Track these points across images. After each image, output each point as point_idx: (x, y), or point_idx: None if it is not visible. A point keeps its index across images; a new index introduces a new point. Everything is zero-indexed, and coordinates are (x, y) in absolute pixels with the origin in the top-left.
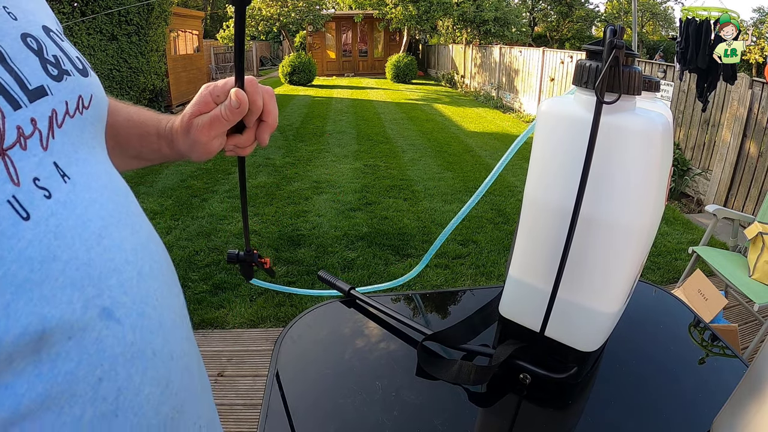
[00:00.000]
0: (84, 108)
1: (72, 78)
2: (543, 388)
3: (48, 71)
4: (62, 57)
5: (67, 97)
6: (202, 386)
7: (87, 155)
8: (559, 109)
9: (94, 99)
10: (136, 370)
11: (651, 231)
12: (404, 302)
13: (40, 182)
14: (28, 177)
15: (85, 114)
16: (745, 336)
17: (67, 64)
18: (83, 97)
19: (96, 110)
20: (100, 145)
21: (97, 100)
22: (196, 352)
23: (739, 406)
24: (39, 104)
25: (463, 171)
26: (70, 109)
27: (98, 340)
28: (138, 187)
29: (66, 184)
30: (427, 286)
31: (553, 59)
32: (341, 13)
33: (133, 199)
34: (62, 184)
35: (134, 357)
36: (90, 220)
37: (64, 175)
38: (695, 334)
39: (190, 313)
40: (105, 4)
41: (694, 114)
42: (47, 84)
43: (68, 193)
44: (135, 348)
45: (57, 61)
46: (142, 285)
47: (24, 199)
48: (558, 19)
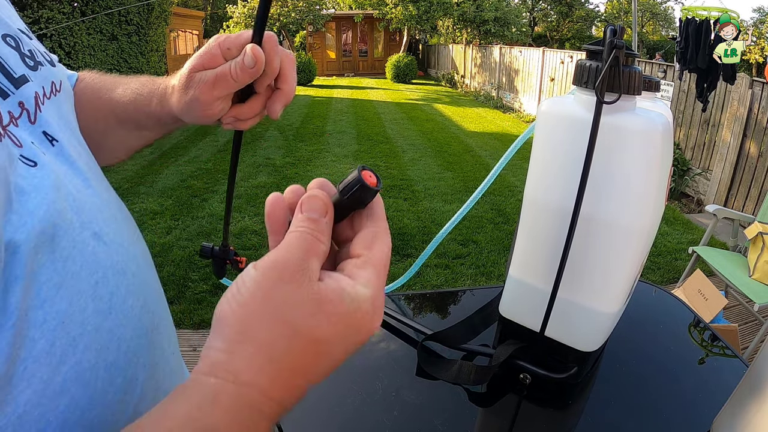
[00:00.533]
0: (57, 91)
1: (44, 68)
2: (543, 388)
3: (26, 63)
4: (35, 51)
5: (43, 83)
6: (171, 327)
7: (64, 126)
8: (559, 109)
9: (63, 84)
10: (121, 282)
11: (651, 231)
12: (404, 302)
13: (35, 144)
14: (27, 141)
15: (58, 96)
16: (745, 336)
17: (39, 57)
18: (55, 83)
19: (65, 92)
20: (72, 116)
21: (65, 85)
22: (164, 299)
23: (739, 406)
24: (23, 90)
25: (463, 171)
26: (46, 92)
27: (93, 253)
28: (138, 187)
29: (54, 147)
30: (427, 286)
31: (553, 59)
32: (341, 13)
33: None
34: (50, 147)
35: (118, 273)
36: (76, 173)
37: (53, 139)
38: (695, 334)
39: (191, 312)
40: (105, 4)
41: (694, 114)
42: (26, 73)
43: (57, 154)
44: (119, 267)
45: (32, 54)
46: (119, 225)
47: (29, 154)
48: (558, 19)
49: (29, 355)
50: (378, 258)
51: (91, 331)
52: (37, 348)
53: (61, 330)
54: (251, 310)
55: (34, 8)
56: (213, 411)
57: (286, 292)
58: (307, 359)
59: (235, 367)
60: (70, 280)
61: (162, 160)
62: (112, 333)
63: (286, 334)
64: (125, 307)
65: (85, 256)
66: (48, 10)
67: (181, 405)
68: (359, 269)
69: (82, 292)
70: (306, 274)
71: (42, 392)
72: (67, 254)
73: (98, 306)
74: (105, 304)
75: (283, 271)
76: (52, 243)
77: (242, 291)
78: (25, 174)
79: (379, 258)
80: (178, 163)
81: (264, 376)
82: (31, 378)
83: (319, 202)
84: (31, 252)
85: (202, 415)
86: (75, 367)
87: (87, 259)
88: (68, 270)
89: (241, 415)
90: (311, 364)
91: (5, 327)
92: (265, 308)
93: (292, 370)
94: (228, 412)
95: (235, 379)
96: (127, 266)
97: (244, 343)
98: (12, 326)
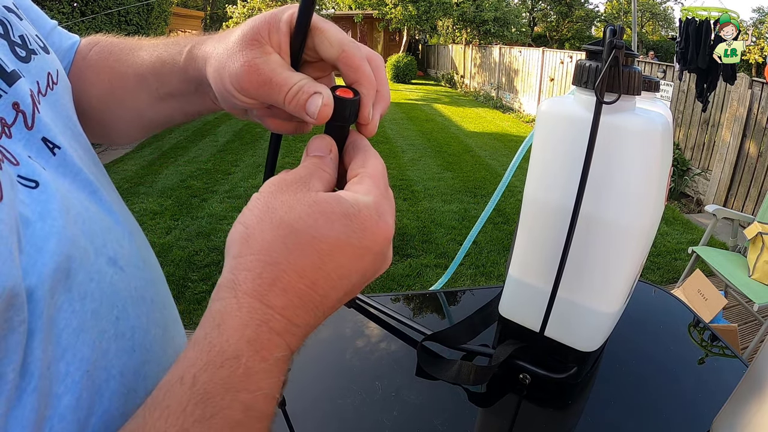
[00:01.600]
0: (54, 83)
1: (38, 57)
2: (543, 388)
3: (17, 54)
4: (27, 36)
5: (38, 77)
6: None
7: (64, 127)
8: (559, 109)
9: (60, 74)
10: (142, 312)
11: (651, 231)
12: (404, 302)
13: (33, 158)
14: (23, 156)
15: (55, 89)
16: (745, 336)
17: (32, 44)
18: (51, 74)
19: (62, 83)
20: (72, 111)
21: (62, 74)
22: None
23: (739, 406)
24: (16, 88)
25: (463, 171)
26: (41, 88)
27: (111, 284)
28: (138, 187)
29: (55, 157)
30: (427, 286)
31: (553, 59)
32: (341, 13)
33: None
34: (51, 158)
35: (138, 301)
36: (82, 185)
37: (54, 146)
38: (695, 334)
39: (190, 313)
40: (105, 4)
41: (694, 114)
42: (18, 68)
43: (58, 165)
44: (137, 294)
45: (24, 41)
46: (132, 243)
47: (27, 173)
48: (558, 19)
49: (54, 413)
50: (373, 170)
51: (116, 375)
52: (63, 404)
53: (87, 380)
54: (252, 224)
55: None
56: (220, 336)
57: (283, 199)
58: (310, 259)
59: (236, 280)
60: (90, 320)
61: (162, 160)
62: (138, 373)
63: (282, 234)
64: (148, 339)
65: (103, 288)
66: (48, 10)
67: (191, 346)
68: (357, 184)
69: (103, 332)
70: (305, 185)
71: None
72: (84, 290)
73: (121, 345)
74: (128, 342)
75: (281, 183)
76: (67, 280)
77: (245, 212)
78: (27, 199)
79: (374, 170)
80: (177, 164)
81: (263, 281)
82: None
83: (321, 141)
84: (47, 296)
85: (210, 346)
86: (103, 417)
87: (105, 291)
88: (87, 309)
89: (248, 332)
90: (315, 265)
91: (27, 391)
92: (264, 217)
93: (295, 272)
94: (235, 331)
95: (235, 293)
96: (146, 292)
97: (244, 255)
98: (35, 389)
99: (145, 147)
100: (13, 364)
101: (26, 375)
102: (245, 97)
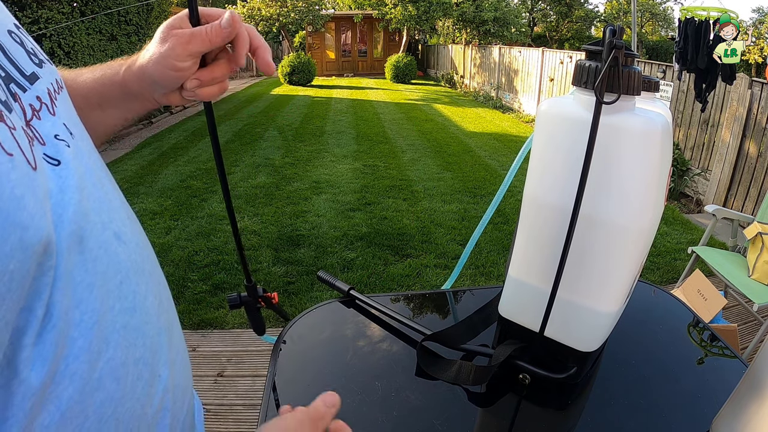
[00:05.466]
0: (61, 88)
1: (47, 65)
2: (543, 388)
3: (32, 60)
4: (35, 49)
5: (51, 79)
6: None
7: (76, 120)
8: (559, 109)
9: (60, 81)
10: (141, 281)
11: (650, 231)
12: (404, 302)
13: (60, 137)
14: (50, 136)
15: (62, 92)
16: (745, 336)
17: (40, 55)
18: (58, 80)
19: (65, 90)
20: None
21: (62, 82)
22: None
23: (739, 406)
24: (37, 86)
25: (463, 171)
26: (55, 88)
27: (116, 253)
28: (137, 187)
29: (73, 140)
30: (426, 286)
31: (553, 59)
32: (341, 13)
33: None
34: (72, 140)
35: (138, 272)
36: (91, 170)
37: (71, 133)
38: (695, 334)
39: (190, 313)
40: (104, 4)
41: (694, 114)
42: (35, 71)
43: (75, 148)
44: (137, 266)
45: (35, 52)
46: (133, 225)
47: (52, 152)
48: (557, 19)
49: (70, 353)
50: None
51: (120, 329)
52: (77, 346)
53: (97, 328)
54: None
55: (34, 8)
56: None
57: None
58: None
59: None
60: (99, 280)
61: (161, 160)
62: (138, 330)
63: None
64: (146, 305)
65: (110, 255)
66: (47, 10)
67: None
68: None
69: (110, 292)
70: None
71: (82, 389)
72: (95, 255)
73: (123, 305)
74: (129, 303)
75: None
76: (80, 245)
77: None
78: (51, 174)
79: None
80: (177, 164)
81: None
82: (72, 375)
83: None
84: (66, 253)
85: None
86: (109, 363)
87: (111, 259)
88: (97, 270)
89: None
90: None
91: (48, 327)
92: None
93: None
94: None
95: None
96: (144, 265)
97: None
98: (54, 326)
99: (145, 147)
100: (41, 302)
101: (48, 315)
102: (186, 57)
